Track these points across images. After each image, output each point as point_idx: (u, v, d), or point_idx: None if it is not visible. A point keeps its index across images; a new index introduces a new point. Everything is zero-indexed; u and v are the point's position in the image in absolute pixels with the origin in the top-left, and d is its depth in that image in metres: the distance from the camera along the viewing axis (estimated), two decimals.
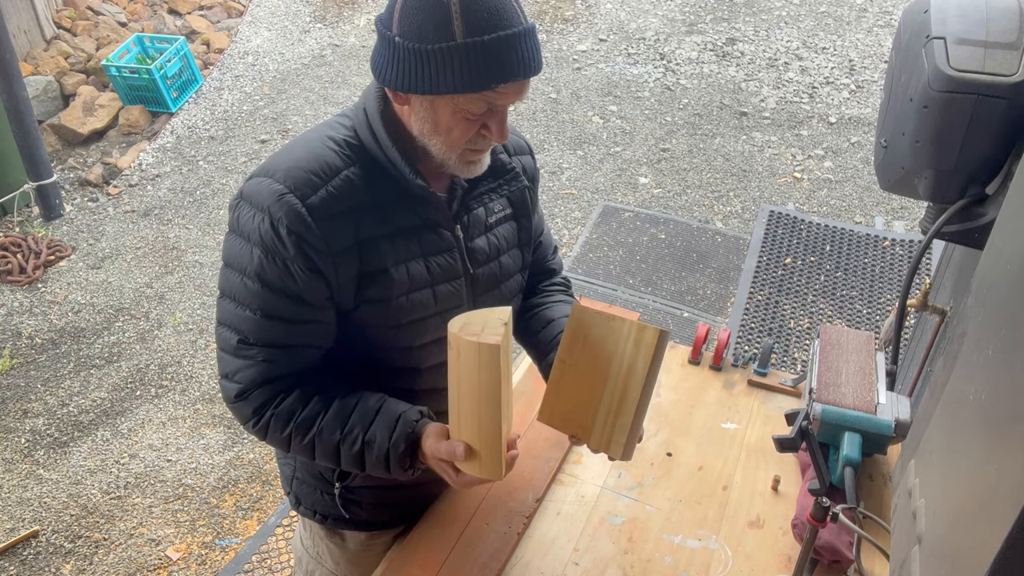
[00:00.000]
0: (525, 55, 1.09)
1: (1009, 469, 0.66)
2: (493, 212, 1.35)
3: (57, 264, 3.90)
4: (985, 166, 1.35)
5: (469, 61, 1.06)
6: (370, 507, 1.49)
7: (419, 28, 1.07)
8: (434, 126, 1.16)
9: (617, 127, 4.86)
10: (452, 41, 1.06)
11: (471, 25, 1.05)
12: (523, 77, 1.10)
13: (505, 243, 1.37)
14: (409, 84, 1.10)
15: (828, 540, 1.45)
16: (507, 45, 1.07)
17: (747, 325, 3.51)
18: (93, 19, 5.39)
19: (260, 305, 1.19)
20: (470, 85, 1.08)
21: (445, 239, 1.27)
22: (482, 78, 1.08)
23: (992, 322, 0.84)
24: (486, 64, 1.07)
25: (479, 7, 1.06)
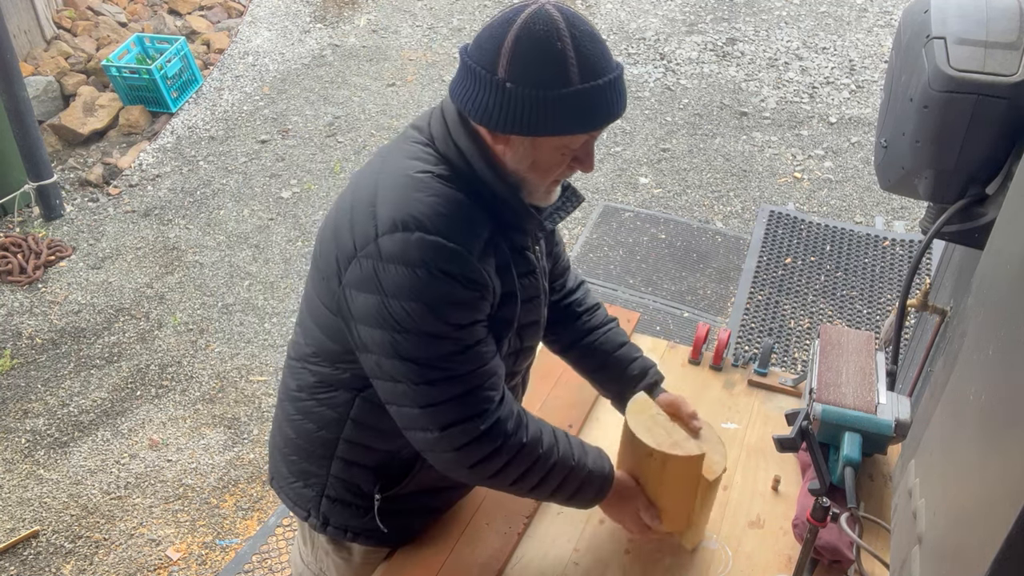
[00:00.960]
0: (623, 94, 1.19)
1: (1009, 469, 0.66)
2: None
3: (57, 264, 3.90)
4: (985, 166, 1.35)
5: (585, 105, 1.13)
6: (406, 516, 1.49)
7: (536, 74, 1.11)
8: (532, 163, 1.21)
9: (617, 127, 4.86)
10: (570, 87, 1.12)
11: (586, 71, 1.12)
12: (621, 115, 1.19)
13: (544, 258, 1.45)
14: (522, 128, 1.15)
15: (828, 540, 1.45)
16: (613, 88, 1.16)
17: (747, 325, 3.51)
18: (93, 19, 5.39)
19: (461, 343, 1.22)
20: (585, 127, 1.16)
21: (530, 261, 1.34)
22: (596, 119, 1.16)
23: (992, 322, 0.83)
24: (599, 106, 1.15)
25: (590, 53, 1.13)
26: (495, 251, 1.24)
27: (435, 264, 1.16)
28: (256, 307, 3.67)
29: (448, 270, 1.17)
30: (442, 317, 1.19)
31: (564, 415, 1.82)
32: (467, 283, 1.19)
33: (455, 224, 1.18)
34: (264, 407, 3.20)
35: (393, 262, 1.17)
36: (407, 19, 5.89)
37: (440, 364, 1.21)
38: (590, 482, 1.37)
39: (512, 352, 1.38)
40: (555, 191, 1.31)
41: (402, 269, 1.16)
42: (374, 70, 5.38)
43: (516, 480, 1.31)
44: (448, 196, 1.19)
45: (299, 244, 4.02)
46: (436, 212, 1.17)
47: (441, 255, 1.16)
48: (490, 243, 1.23)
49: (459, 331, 1.21)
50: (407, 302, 1.17)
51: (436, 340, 1.20)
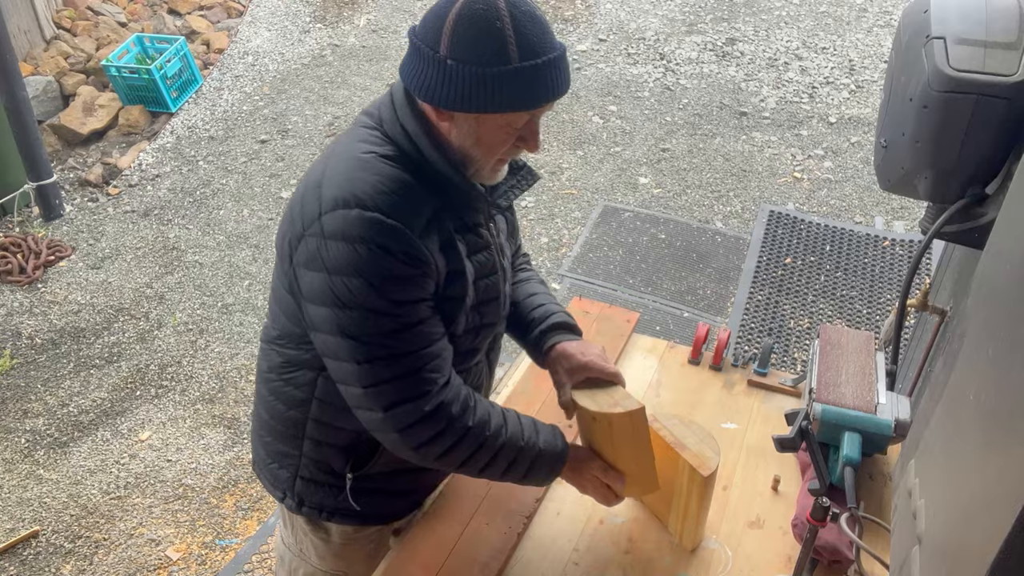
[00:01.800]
0: (566, 74, 1.22)
1: (1009, 469, 0.66)
2: None
3: (57, 264, 3.90)
4: (985, 166, 1.35)
5: (524, 83, 1.16)
6: (381, 496, 1.51)
7: (475, 51, 1.15)
8: (477, 140, 1.24)
9: (617, 127, 4.86)
10: (509, 65, 1.15)
11: (525, 50, 1.15)
12: (563, 94, 1.22)
13: (505, 236, 1.47)
14: (463, 104, 1.18)
15: (828, 540, 1.44)
16: (554, 67, 1.18)
17: (747, 325, 3.51)
18: (93, 19, 5.39)
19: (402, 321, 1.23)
20: (525, 104, 1.19)
21: (484, 237, 1.36)
22: (536, 97, 1.19)
23: (992, 322, 0.83)
24: (539, 85, 1.18)
25: (529, 33, 1.16)
26: (438, 229, 1.26)
27: (374, 240, 1.18)
28: (256, 307, 3.67)
29: (387, 246, 1.19)
30: (383, 293, 1.20)
31: (564, 415, 1.82)
32: (407, 259, 1.20)
33: (395, 201, 1.20)
34: None
35: (335, 239, 1.19)
36: (407, 19, 5.89)
37: (382, 342, 1.23)
38: (542, 461, 1.38)
39: (471, 328, 1.39)
40: (502, 169, 1.33)
41: (343, 245, 1.19)
42: (374, 70, 5.38)
43: (464, 462, 1.33)
44: (390, 175, 1.22)
45: None
46: (376, 190, 1.20)
47: (380, 231, 1.18)
48: (434, 221, 1.25)
49: (400, 308, 1.22)
50: (348, 278, 1.20)
51: (377, 317, 1.21)
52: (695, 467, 1.44)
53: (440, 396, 1.27)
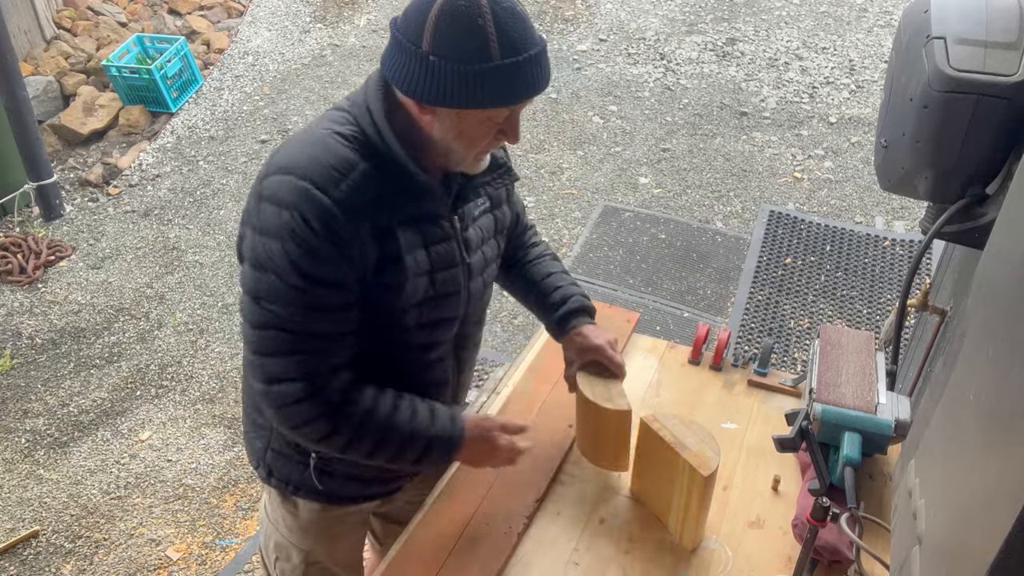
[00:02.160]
0: (546, 70, 1.24)
1: (1009, 469, 0.66)
2: (478, 205, 1.44)
3: (57, 264, 3.90)
4: (985, 166, 1.35)
5: (505, 80, 1.18)
6: (341, 479, 1.52)
7: (457, 49, 1.16)
8: (458, 134, 1.25)
9: (617, 127, 4.86)
10: (491, 62, 1.16)
11: (506, 47, 1.17)
12: (543, 90, 1.24)
13: (486, 233, 1.47)
14: (445, 100, 1.19)
15: (828, 540, 1.45)
16: (535, 63, 1.20)
17: (747, 325, 3.51)
18: (93, 19, 5.39)
19: (303, 300, 1.23)
20: (505, 101, 1.21)
21: (444, 229, 1.36)
22: (517, 94, 1.21)
23: (992, 322, 0.83)
24: (519, 82, 1.19)
25: (511, 29, 1.17)
26: (376, 214, 1.26)
27: (298, 208, 1.20)
28: None
29: (309, 217, 1.20)
30: (295, 264, 1.21)
31: (564, 415, 1.82)
32: (327, 234, 1.21)
33: (331, 177, 1.21)
34: None
35: (268, 201, 1.22)
36: None
37: (279, 312, 1.24)
38: (433, 447, 1.39)
39: (428, 323, 1.39)
40: (484, 160, 1.35)
41: (273, 208, 1.22)
42: (374, 70, 5.38)
43: (345, 449, 1.34)
44: (336, 152, 1.24)
45: None
46: (316, 163, 1.22)
47: (306, 201, 1.20)
48: (373, 205, 1.25)
49: (307, 284, 1.23)
50: (269, 240, 1.22)
51: (284, 286, 1.22)
52: (695, 467, 1.45)
53: (321, 382, 1.27)
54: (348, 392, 1.31)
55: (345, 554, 1.68)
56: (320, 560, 1.63)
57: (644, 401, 1.89)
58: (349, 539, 1.67)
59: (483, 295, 1.51)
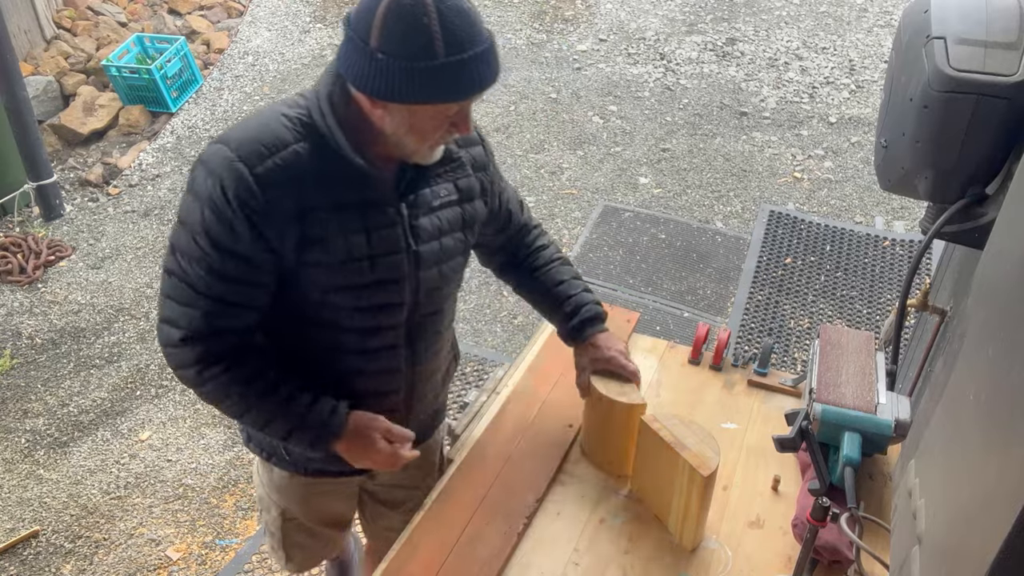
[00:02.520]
0: (494, 66, 1.26)
1: (1009, 469, 0.66)
2: (439, 195, 1.46)
3: (57, 264, 3.90)
4: (985, 166, 1.35)
5: (451, 77, 1.21)
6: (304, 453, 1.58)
7: (403, 47, 1.19)
8: (410, 128, 1.29)
9: (617, 127, 4.86)
10: (436, 60, 1.19)
11: (451, 46, 1.20)
12: (491, 85, 1.27)
13: (449, 225, 1.48)
14: (394, 95, 1.23)
15: (828, 540, 1.45)
16: (481, 61, 1.23)
17: (747, 325, 3.51)
18: (93, 19, 5.39)
19: (208, 261, 1.31)
20: (451, 97, 1.25)
21: (388, 215, 1.39)
22: (461, 91, 1.24)
23: (992, 322, 0.84)
24: (465, 79, 1.23)
25: (456, 28, 1.20)
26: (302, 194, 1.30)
27: (219, 175, 1.27)
28: None
29: (226, 185, 1.26)
30: (207, 229, 1.29)
31: (564, 415, 1.82)
32: (241, 207, 1.27)
33: (258, 152, 1.27)
34: None
35: (200, 164, 1.31)
36: None
37: (181, 263, 1.32)
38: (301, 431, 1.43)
39: (370, 307, 1.42)
40: (438, 150, 1.38)
41: (201, 171, 1.30)
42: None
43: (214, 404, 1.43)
44: (272, 130, 1.30)
45: None
46: (248, 137, 1.29)
47: (227, 169, 1.27)
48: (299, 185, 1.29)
49: (214, 250, 1.30)
50: (193, 200, 1.31)
51: (192, 241, 1.30)
52: (695, 467, 1.45)
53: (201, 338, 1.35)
54: (226, 356, 1.38)
55: (319, 516, 1.77)
56: (296, 517, 1.75)
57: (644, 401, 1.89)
58: (321, 505, 1.74)
59: (440, 286, 1.51)
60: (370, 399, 1.51)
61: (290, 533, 1.79)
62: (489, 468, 1.70)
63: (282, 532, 1.78)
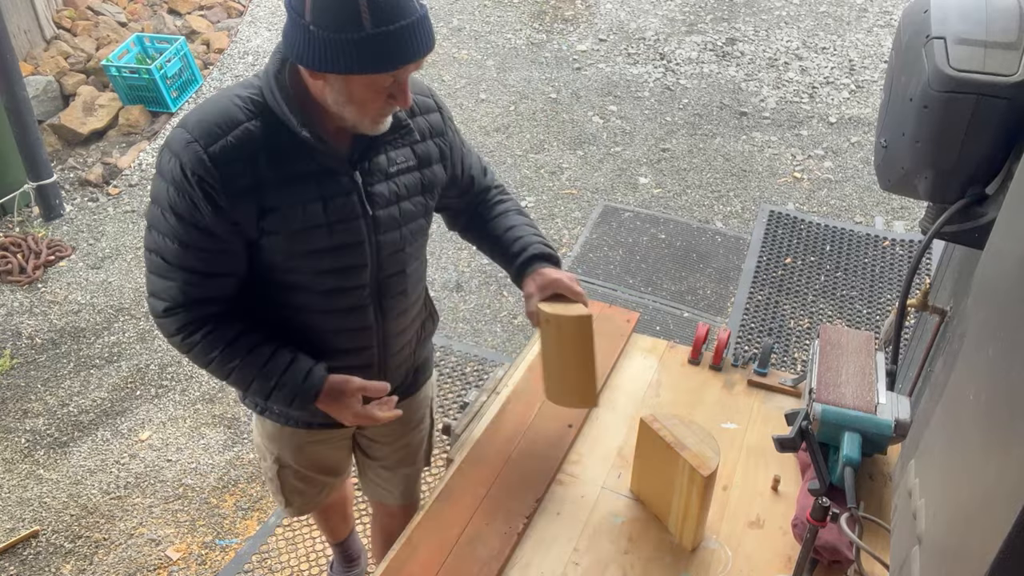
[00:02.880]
0: (424, 38, 1.31)
1: (1009, 469, 0.66)
2: (395, 162, 1.52)
3: (57, 264, 3.90)
4: (985, 166, 1.35)
5: (378, 48, 1.26)
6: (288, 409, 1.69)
7: (332, 19, 1.24)
8: (348, 98, 1.35)
9: (617, 127, 4.86)
10: (362, 31, 1.24)
11: (377, 17, 1.24)
12: (422, 57, 1.32)
13: (407, 190, 1.55)
14: (325, 66, 1.29)
15: (828, 540, 1.45)
16: (409, 32, 1.28)
17: (747, 325, 3.51)
18: (93, 19, 5.39)
19: (177, 235, 1.41)
20: (379, 68, 1.30)
21: (343, 183, 1.46)
22: (389, 62, 1.29)
23: (992, 322, 0.84)
24: (393, 50, 1.28)
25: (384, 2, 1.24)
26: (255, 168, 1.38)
27: (177, 154, 1.37)
28: None
29: (183, 162, 1.36)
30: (172, 204, 1.39)
31: (564, 415, 1.82)
32: (199, 184, 1.36)
33: (210, 131, 1.36)
34: None
35: (165, 146, 1.41)
36: None
37: (159, 241, 1.43)
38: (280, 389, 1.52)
39: (333, 270, 1.50)
40: (383, 123, 1.43)
41: (166, 153, 1.40)
42: None
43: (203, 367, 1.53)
44: (223, 110, 1.39)
45: None
46: (202, 118, 1.38)
47: (184, 148, 1.36)
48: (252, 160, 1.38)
49: (180, 224, 1.39)
50: (159, 179, 1.41)
51: (164, 220, 1.41)
52: (695, 467, 1.45)
53: (181, 308, 1.46)
54: (207, 322, 1.48)
55: (312, 464, 1.87)
56: (289, 464, 1.85)
57: (644, 401, 1.89)
58: (314, 453, 1.85)
59: (403, 247, 1.58)
60: (345, 356, 1.61)
61: (287, 479, 1.89)
62: (489, 468, 1.70)
63: (279, 479, 1.89)
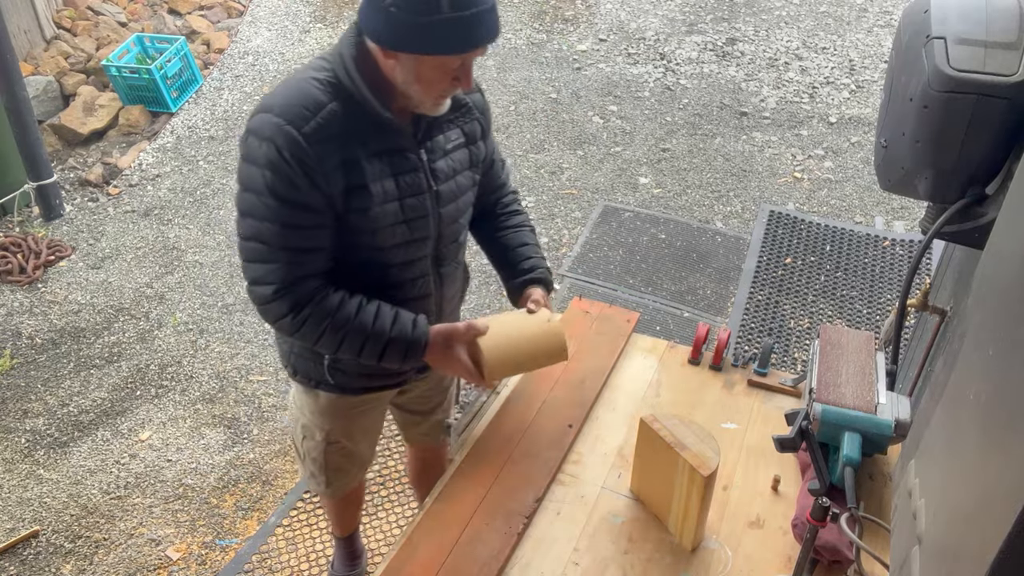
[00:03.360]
0: (493, 25, 1.41)
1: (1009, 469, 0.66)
2: (451, 140, 1.64)
3: (57, 264, 3.90)
4: (985, 166, 1.35)
5: (452, 32, 1.36)
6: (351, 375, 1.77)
7: (412, 2, 1.34)
8: (417, 77, 1.44)
9: (617, 127, 4.86)
10: (440, 15, 1.34)
11: (455, 2, 1.34)
12: (490, 42, 1.42)
13: (460, 165, 1.67)
14: (401, 45, 1.39)
15: (828, 540, 1.45)
16: (482, 18, 1.38)
17: (747, 325, 3.51)
18: (93, 19, 5.39)
19: (278, 216, 1.47)
20: (452, 50, 1.40)
21: (411, 160, 1.56)
22: (462, 45, 1.39)
23: (992, 322, 0.84)
24: (466, 34, 1.38)
25: None
26: (343, 148, 1.47)
27: (273, 140, 1.42)
28: None
29: (281, 147, 1.42)
30: (269, 185, 1.45)
31: (564, 415, 1.82)
32: (296, 163, 1.43)
33: (301, 114, 1.43)
34: (264, 407, 3.20)
35: (251, 134, 1.46)
36: None
37: (256, 226, 1.49)
38: (394, 346, 1.60)
39: (402, 243, 1.60)
40: (443, 104, 1.53)
41: (254, 139, 1.45)
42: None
43: (314, 343, 1.58)
44: (308, 93, 1.46)
45: None
46: (289, 102, 1.44)
47: (279, 134, 1.42)
48: (340, 139, 1.46)
49: (280, 204, 1.45)
50: (250, 165, 1.47)
51: (260, 203, 1.46)
52: (695, 467, 1.45)
53: (289, 287, 1.51)
54: (314, 296, 1.54)
55: (360, 433, 1.97)
56: (338, 439, 1.93)
57: (644, 401, 1.89)
58: (362, 421, 1.94)
59: (458, 218, 1.70)
60: None
61: (331, 457, 1.96)
62: (489, 468, 1.70)
63: (324, 457, 1.96)
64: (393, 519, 2.77)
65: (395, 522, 2.76)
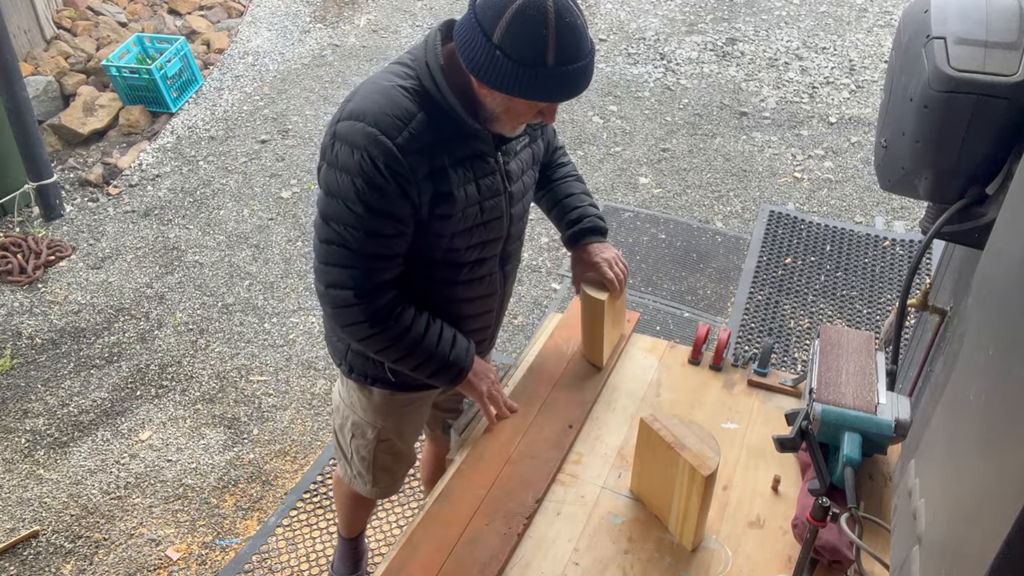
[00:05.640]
0: (589, 77, 1.46)
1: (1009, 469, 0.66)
2: (520, 142, 1.70)
3: (57, 264, 3.90)
4: (985, 166, 1.35)
5: (553, 83, 1.41)
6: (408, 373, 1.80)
7: (520, 49, 1.37)
8: (506, 110, 1.50)
9: (617, 127, 4.86)
10: (544, 67, 1.38)
11: (561, 56, 1.38)
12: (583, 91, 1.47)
13: (526, 165, 1.74)
14: (501, 87, 1.42)
15: (828, 540, 1.45)
16: (581, 72, 1.43)
17: (747, 325, 3.51)
18: (93, 19, 5.39)
19: (363, 224, 1.50)
20: (549, 99, 1.46)
21: (490, 165, 1.61)
22: (561, 94, 1.45)
23: (992, 322, 0.84)
24: (565, 86, 1.43)
25: (568, 41, 1.38)
26: (432, 157, 1.50)
27: (367, 150, 1.45)
28: (256, 307, 3.67)
29: (375, 158, 1.45)
30: (360, 194, 1.48)
31: (564, 415, 1.82)
32: (390, 173, 1.46)
33: (394, 124, 1.46)
34: (264, 407, 3.20)
35: (342, 141, 1.49)
36: (407, 19, 5.89)
37: (342, 232, 1.52)
38: (446, 369, 1.70)
39: (478, 243, 1.66)
40: (520, 128, 1.61)
41: (346, 148, 1.48)
42: (374, 70, 5.36)
43: (378, 351, 1.65)
44: (398, 103, 1.48)
45: (299, 244, 4.02)
46: (382, 112, 1.47)
47: (373, 144, 1.45)
48: (429, 149, 1.50)
49: (367, 211, 1.49)
50: (340, 173, 1.49)
51: (347, 210, 1.50)
52: (695, 467, 1.45)
53: (368, 293, 1.56)
54: (392, 308, 1.59)
55: (410, 430, 2.01)
56: (389, 437, 1.96)
57: (644, 401, 1.89)
58: (413, 418, 1.99)
59: (523, 217, 1.79)
60: (472, 321, 1.79)
61: (379, 456, 1.99)
62: (489, 468, 1.70)
63: (373, 455, 1.98)
64: (393, 519, 2.77)
65: (395, 522, 2.76)
